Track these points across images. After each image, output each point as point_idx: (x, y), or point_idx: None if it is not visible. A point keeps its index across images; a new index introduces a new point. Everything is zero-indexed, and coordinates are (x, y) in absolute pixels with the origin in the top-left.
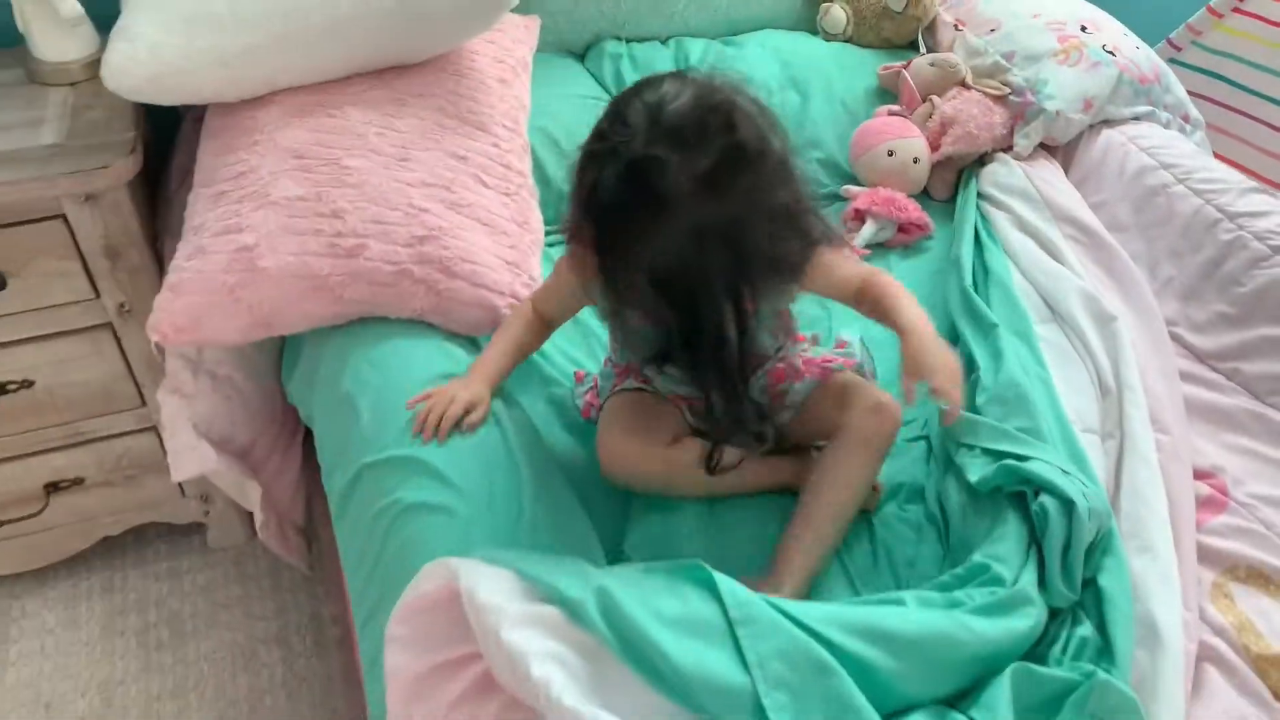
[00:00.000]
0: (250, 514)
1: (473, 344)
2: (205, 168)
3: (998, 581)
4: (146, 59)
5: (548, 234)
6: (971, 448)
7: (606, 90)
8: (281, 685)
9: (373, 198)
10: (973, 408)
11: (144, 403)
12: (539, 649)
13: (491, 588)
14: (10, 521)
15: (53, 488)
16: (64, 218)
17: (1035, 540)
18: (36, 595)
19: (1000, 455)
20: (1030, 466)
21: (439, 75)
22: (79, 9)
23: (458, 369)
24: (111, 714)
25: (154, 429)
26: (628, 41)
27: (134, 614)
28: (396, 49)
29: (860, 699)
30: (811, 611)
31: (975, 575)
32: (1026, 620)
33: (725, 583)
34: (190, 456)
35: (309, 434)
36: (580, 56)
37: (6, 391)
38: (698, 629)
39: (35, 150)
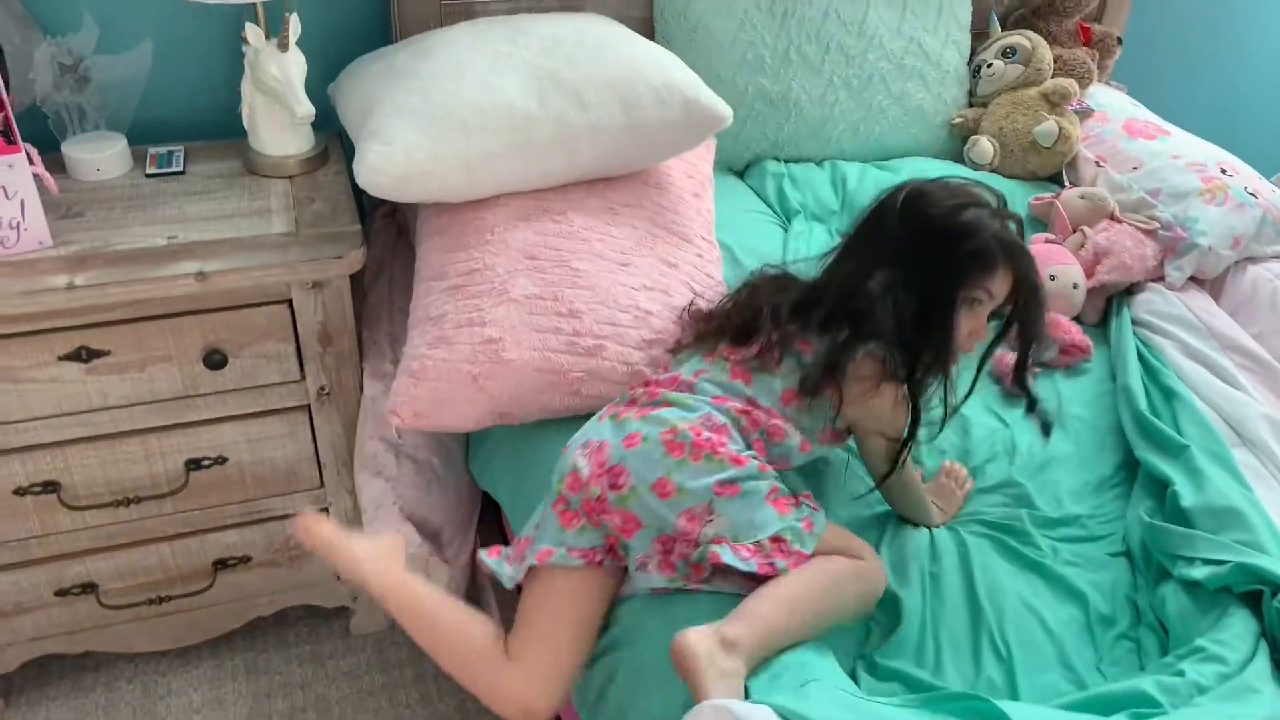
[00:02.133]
0: None
1: None
2: (433, 262)
3: (1219, 660)
4: (400, 160)
5: None
6: (1190, 560)
7: (770, 206)
8: None
9: (603, 300)
10: (1179, 521)
11: (322, 484)
12: None
13: None
14: (175, 598)
15: (220, 565)
16: (289, 303)
17: (1268, 637)
18: (180, 674)
19: (1222, 564)
20: (1266, 563)
21: (643, 187)
22: (313, 111)
23: None
24: None
25: (325, 510)
26: (785, 162)
27: (280, 697)
28: (618, 161)
29: None
30: None
31: (1194, 653)
32: (1260, 709)
33: (1018, 712)
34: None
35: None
36: (739, 174)
37: (202, 467)
38: None
39: (270, 238)
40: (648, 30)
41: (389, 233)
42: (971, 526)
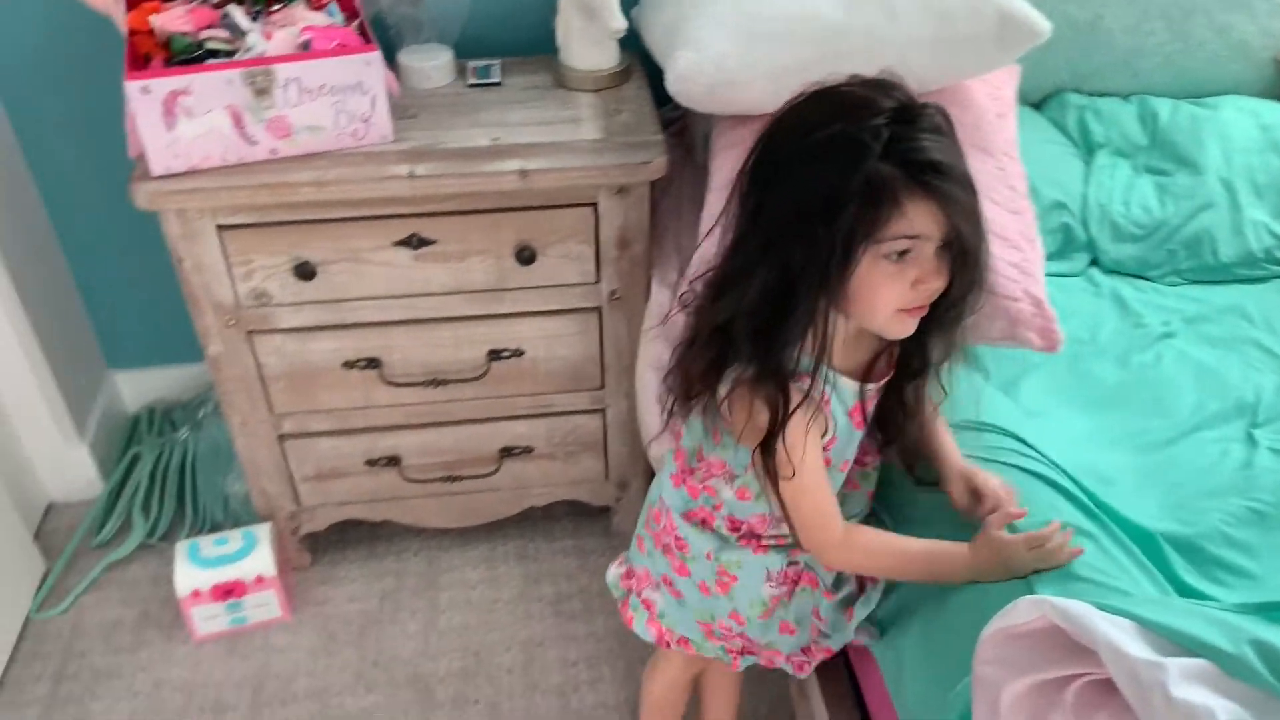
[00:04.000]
0: None
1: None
2: (726, 172)
3: None
4: (711, 69)
5: None
6: None
7: (1070, 139)
8: None
9: None
10: None
11: (603, 385)
12: (1219, 706)
13: (1114, 634)
14: (465, 478)
15: (506, 453)
16: (594, 206)
17: None
18: (459, 553)
19: None
20: None
21: (943, 105)
22: (625, 25)
23: None
24: (534, 671)
25: (602, 411)
26: (1089, 95)
27: (547, 583)
28: (922, 76)
29: None
30: None
31: None
32: None
33: None
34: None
35: None
36: (1035, 106)
37: (501, 357)
38: None
39: (582, 144)
40: None
41: (678, 151)
42: None
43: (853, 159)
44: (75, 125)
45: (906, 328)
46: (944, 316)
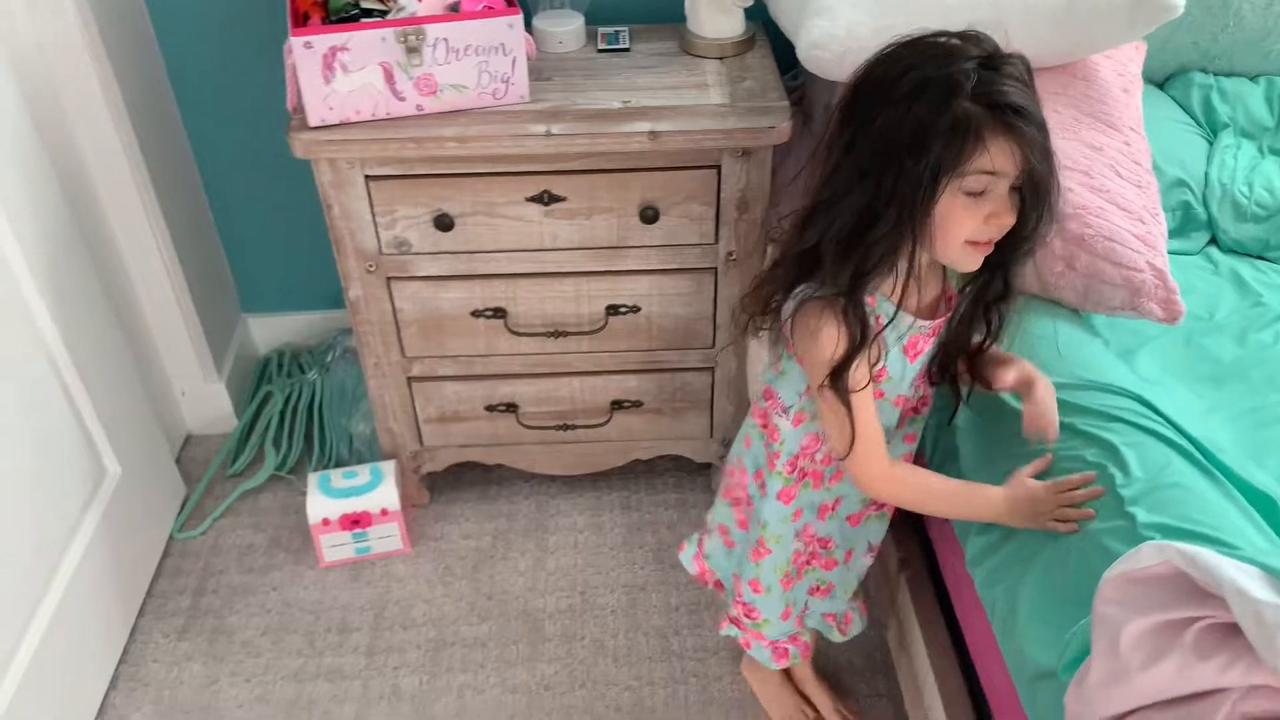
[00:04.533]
0: None
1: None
2: None
3: None
4: (843, 37)
5: None
6: None
7: (1194, 119)
8: None
9: None
10: None
11: (713, 345)
12: None
13: (1240, 578)
14: (577, 428)
15: (617, 405)
16: (717, 169)
17: None
18: (567, 499)
19: None
20: None
21: (1069, 79)
22: None
23: None
24: (636, 612)
25: (711, 370)
26: (1215, 75)
27: (649, 532)
28: (1050, 48)
29: None
30: None
31: None
32: None
33: None
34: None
35: None
36: (1159, 84)
37: (618, 313)
38: None
39: (709, 108)
40: None
41: (796, 120)
42: None
43: (944, 97)
44: (226, 79)
45: (974, 261)
46: (1018, 249)
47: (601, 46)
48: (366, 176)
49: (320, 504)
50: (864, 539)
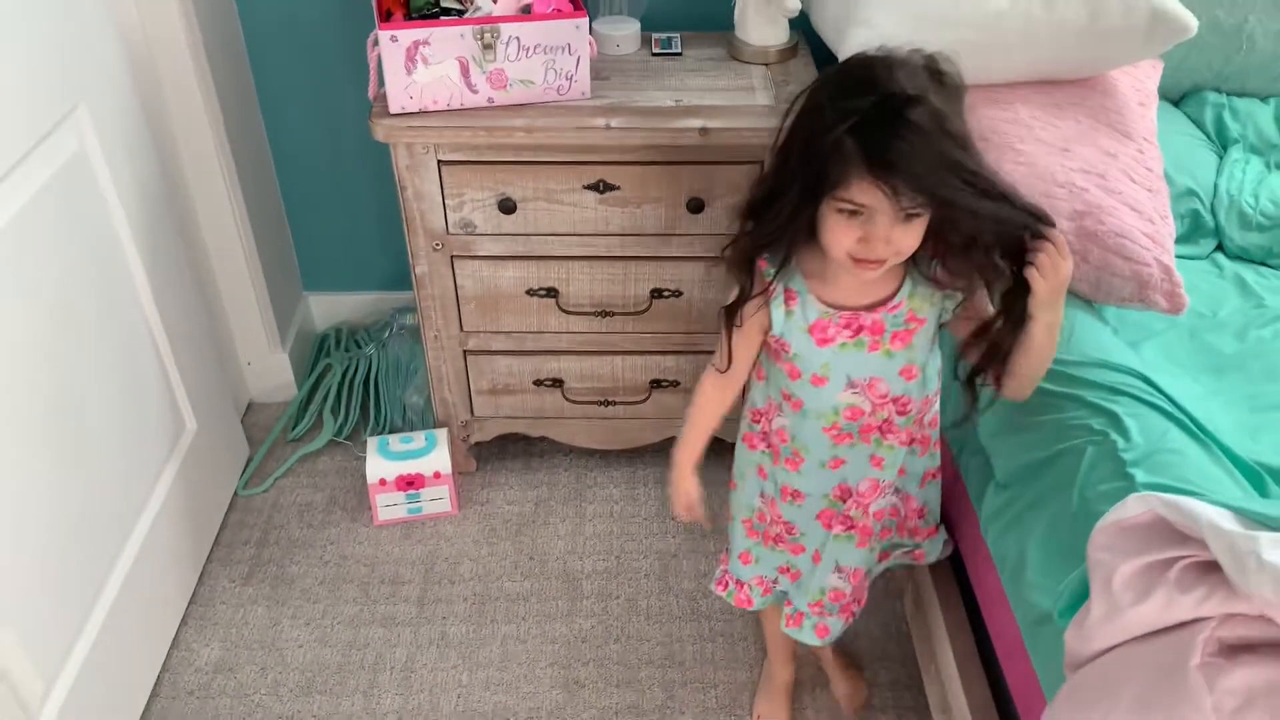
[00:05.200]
0: None
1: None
2: None
3: None
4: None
5: None
6: None
7: (1206, 134)
8: None
9: (1040, 175)
10: None
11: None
12: None
13: (1215, 515)
14: (617, 404)
15: (655, 384)
16: (761, 164)
17: None
18: (603, 472)
19: None
20: None
21: (1089, 91)
22: (799, 5)
23: None
24: (668, 576)
25: None
26: (1227, 94)
27: None
28: (1072, 63)
29: None
30: None
31: None
32: None
33: None
34: None
35: None
36: (1174, 102)
37: (662, 296)
38: None
39: (755, 108)
40: None
41: None
42: None
43: (830, 125)
44: (302, 74)
45: (859, 274)
46: (984, 245)
47: (655, 50)
48: (439, 161)
49: (378, 465)
50: (833, 555)
